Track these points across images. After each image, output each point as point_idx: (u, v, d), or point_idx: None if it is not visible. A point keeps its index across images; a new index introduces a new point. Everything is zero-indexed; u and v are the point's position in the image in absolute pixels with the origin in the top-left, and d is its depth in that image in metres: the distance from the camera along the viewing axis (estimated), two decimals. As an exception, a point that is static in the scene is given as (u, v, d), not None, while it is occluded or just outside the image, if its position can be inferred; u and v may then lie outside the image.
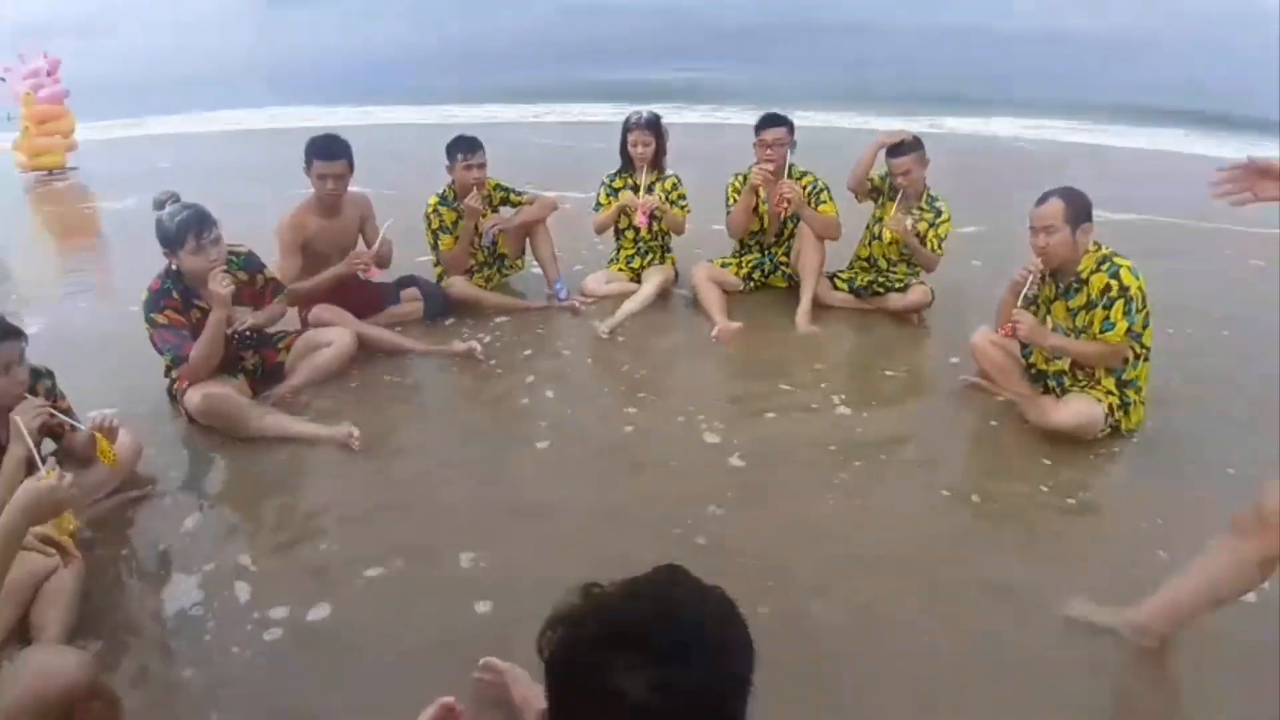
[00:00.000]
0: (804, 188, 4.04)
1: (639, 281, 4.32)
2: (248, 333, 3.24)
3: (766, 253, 4.34)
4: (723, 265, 4.29)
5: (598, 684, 0.84)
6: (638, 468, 2.88)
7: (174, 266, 3.05)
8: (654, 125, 4.18)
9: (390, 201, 4.27)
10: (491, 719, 1.38)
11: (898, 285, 3.97)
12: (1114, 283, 2.80)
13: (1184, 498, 2.61)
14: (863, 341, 3.86)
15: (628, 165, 4.29)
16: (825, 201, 4.03)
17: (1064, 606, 2.12)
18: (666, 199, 4.23)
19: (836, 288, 4.11)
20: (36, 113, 7.99)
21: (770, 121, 3.98)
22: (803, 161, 4.17)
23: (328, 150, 3.65)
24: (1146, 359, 2.92)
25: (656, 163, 4.26)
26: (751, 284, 4.32)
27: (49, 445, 2.58)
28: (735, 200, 4.16)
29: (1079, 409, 2.87)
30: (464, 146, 3.96)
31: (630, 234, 4.34)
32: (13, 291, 4.92)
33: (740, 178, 4.13)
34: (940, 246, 3.84)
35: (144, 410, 3.20)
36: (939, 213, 3.85)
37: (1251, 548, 1.78)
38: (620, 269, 4.44)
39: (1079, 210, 2.83)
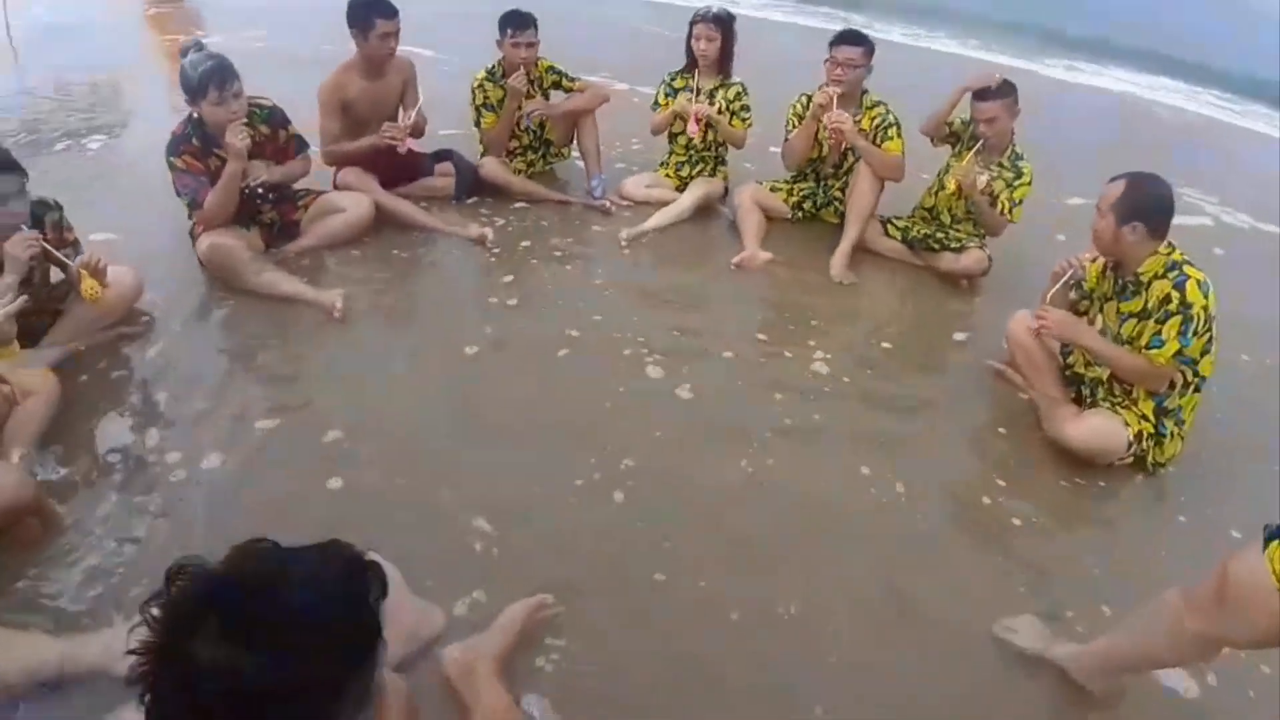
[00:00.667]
0: (871, 119, 3.64)
1: (684, 191, 4.07)
2: (260, 188, 3.23)
3: (822, 183, 3.98)
4: (772, 189, 3.97)
5: (173, 643, 0.83)
6: (558, 390, 2.75)
7: (195, 114, 3.04)
8: (722, 21, 3.80)
9: (442, 69, 4.10)
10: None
11: (954, 245, 3.58)
12: (1176, 295, 2.41)
13: (1189, 551, 2.32)
14: (894, 300, 3.54)
15: (691, 64, 3.94)
16: (892, 138, 3.61)
17: (992, 623, 1.99)
18: (727, 108, 3.90)
19: (888, 234, 3.75)
20: None
21: (845, 39, 3.55)
22: (895, 89, 3.73)
23: (390, 8, 3.50)
24: (1198, 389, 2.54)
25: (722, 65, 3.91)
26: (800, 214, 4.00)
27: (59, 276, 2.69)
28: (795, 125, 3.79)
29: (1097, 428, 2.55)
30: (514, 22, 3.72)
31: (683, 140, 4.04)
32: (113, 110, 5.06)
33: (805, 99, 3.74)
34: (1012, 211, 3.42)
35: (171, 246, 3.28)
36: (1019, 173, 3.40)
37: (1198, 627, 1.54)
38: (668, 175, 4.19)
39: (1136, 206, 2.42)
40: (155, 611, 0.86)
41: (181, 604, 0.86)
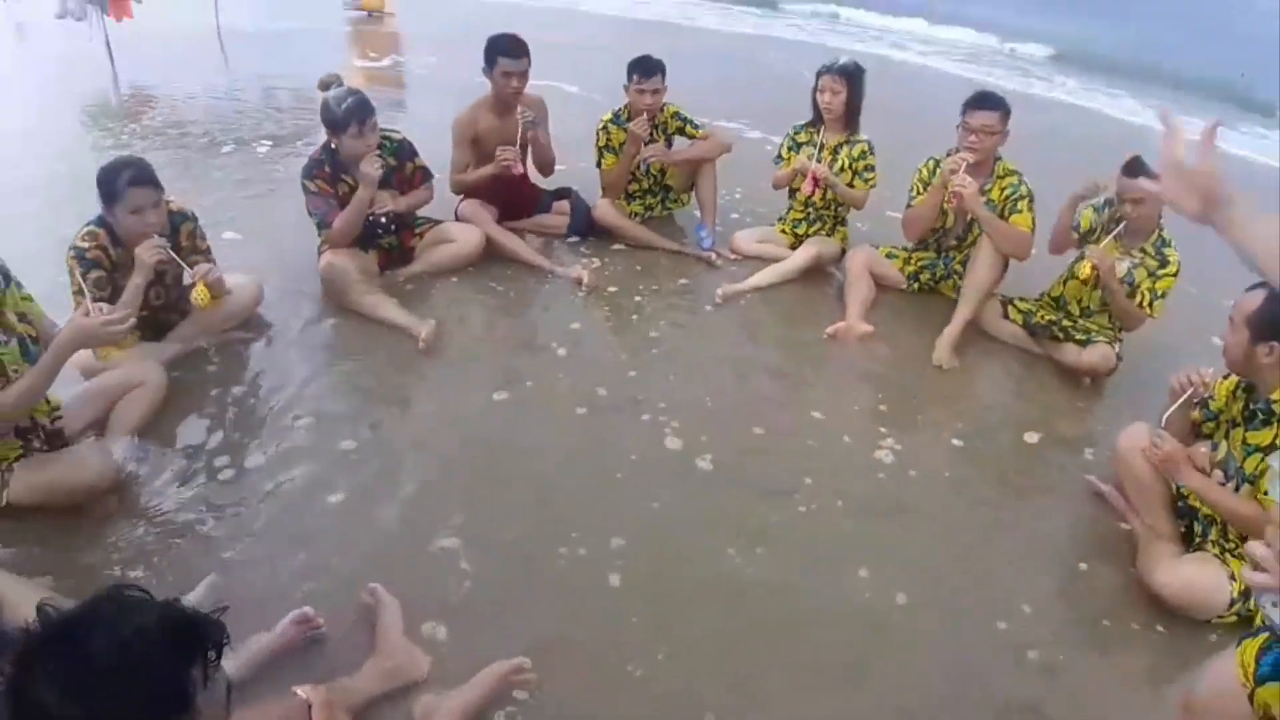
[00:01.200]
0: (1002, 189, 3.33)
1: (797, 250, 3.92)
2: (384, 217, 3.49)
3: (944, 254, 3.69)
4: (888, 255, 3.74)
5: (14, 679, 0.93)
6: (564, 449, 2.67)
7: (332, 144, 3.35)
8: (849, 74, 3.64)
9: (582, 107, 4.22)
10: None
11: (1080, 336, 3.18)
12: (1316, 435, 2.00)
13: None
14: (997, 391, 3.20)
15: (817, 118, 3.81)
16: (1021, 211, 3.28)
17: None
18: (849, 166, 3.73)
19: (1008, 316, 3.40)
20: None
21: (981, 103, 3.28)
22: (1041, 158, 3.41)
23: (515, 48, 3.70)
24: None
25: (848, 121, 3.75)
26: (916, 285, 3.73)
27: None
28: (920, 191, 3.54)
29: (1192, 579, 2.15)
30: (640, 68, 3.78)
31: (801, 196, 3.91)
32: (289, 121, 5.71)
33: (933, 163, 3.50)
34: (1153, 305, 2.99)
35: (299, 258, 3.63)
36: (1164, 262, 2.98)
37: None
38: (783, 230, 4.06)
39: (1276, 323, 2.02)
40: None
41: (26, 643, 0.95)
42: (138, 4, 7.13)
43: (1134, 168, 2.94)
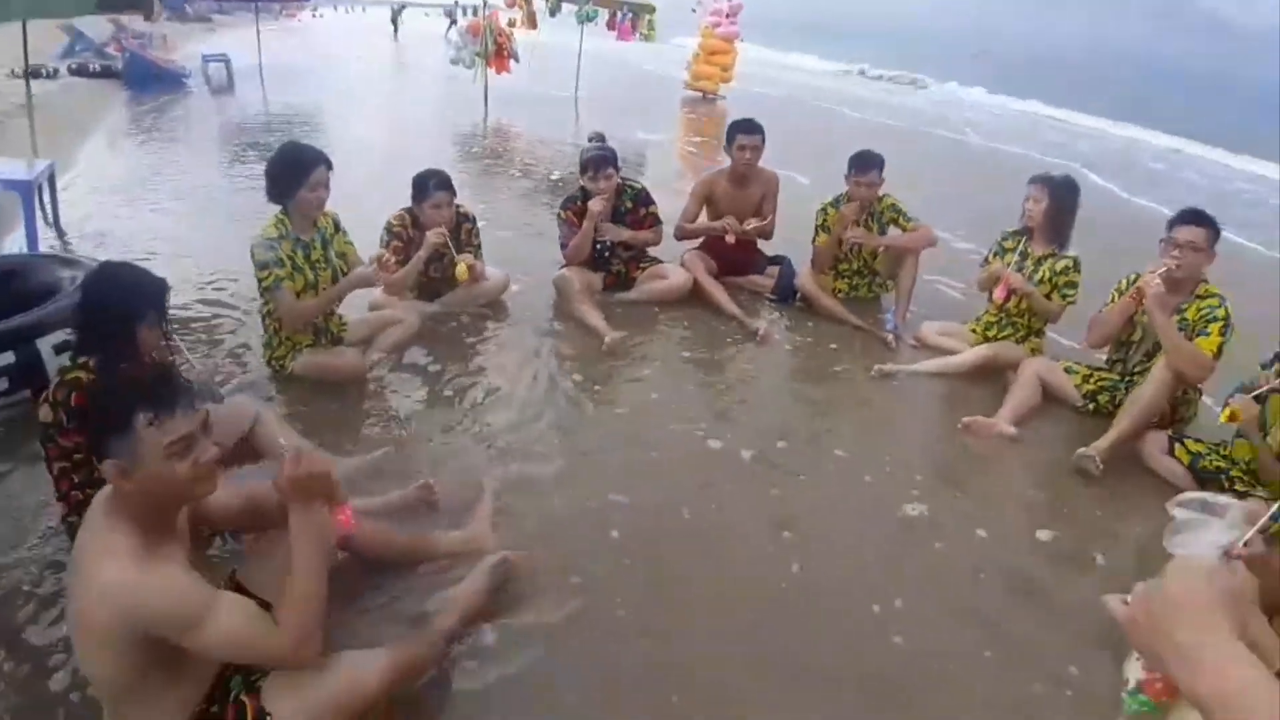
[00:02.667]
0: (1199, 310, 3.16)
1: (979, 349, 3.98)
2: (609, 243, 4.30)
3: (1128, 378, 3.51)
4: (1067, 369, 3.65)
5: None
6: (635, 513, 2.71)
7: (581, 184, 4.25)
8: (1053, 185, 3.70)
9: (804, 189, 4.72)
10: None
11: (1260, 494, 2.87)
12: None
13: None
14: (1122, 524, 2.97)
15: (1025, 227, 3.89)
16: (1210, 334, 3.09)
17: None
18: (1050, 279, 3.74)
19: (1174, 453, 3.16)
20: (709, 45, 10.58)
21: (1187, 218, 3.17)
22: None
23: (750, 127, 4.37)
24: None
25: (1054, 233, 3.77)
26: (1093, 406, 3.58)
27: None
28: (1114, 299, 3.46)
29: None
30: (858, 164, 4.22)
31: (996, 300, 3.97)
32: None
33: (1134, 276, 3.40)
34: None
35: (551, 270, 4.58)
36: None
37: None
38: (973, 329, 4.13)
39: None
40: None
41: None
42: (515, 63, 9.34)
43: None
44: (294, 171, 3.08)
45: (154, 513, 1.53)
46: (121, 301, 2.09)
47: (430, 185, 3.75)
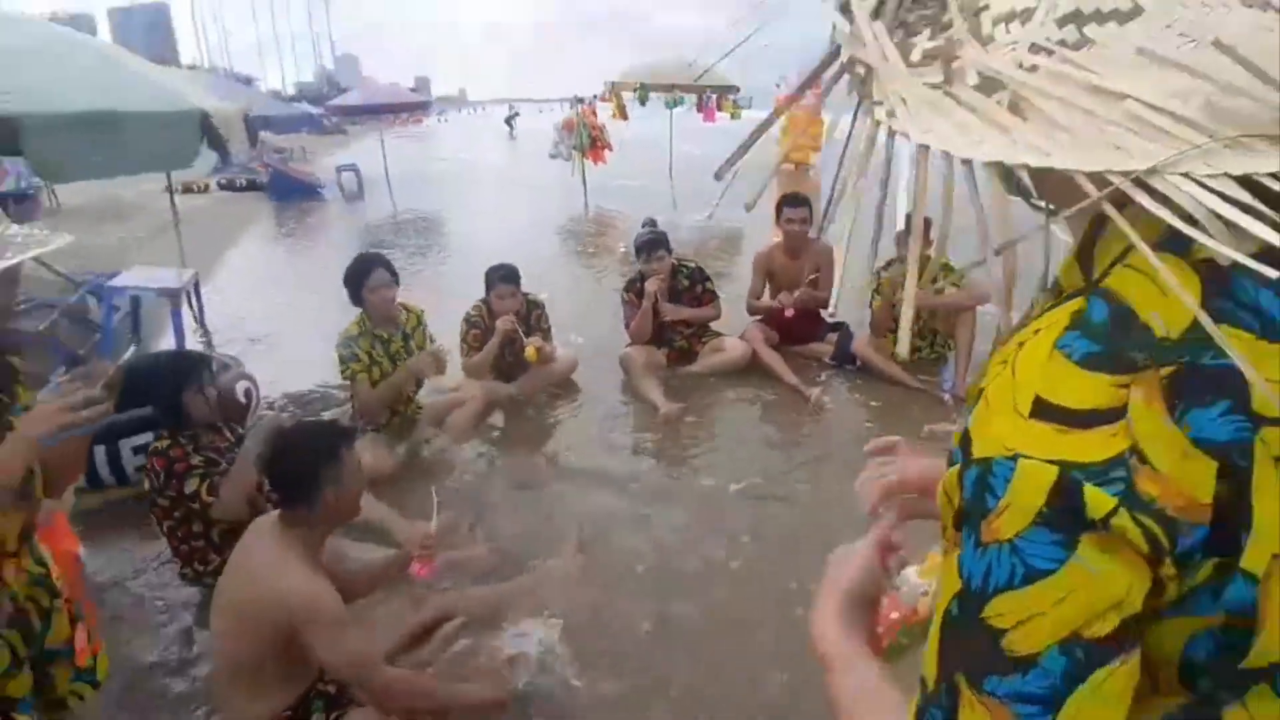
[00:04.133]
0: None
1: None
2: (671, 321, 4.57)
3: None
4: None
5: None
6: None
7: (639, 269, 4.58)
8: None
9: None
10: None
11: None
12: None
13: None
14: None
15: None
16: None
17: None
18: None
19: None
20: (796, 118, 10.85)
21: None
22: None
23: (796, 201, 4.60)
24: None
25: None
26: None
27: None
28: None
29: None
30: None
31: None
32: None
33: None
34: None
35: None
36: None
37: None
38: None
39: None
40: None
41: None
42: (610, 153, 10.02)
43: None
44: (357, 277, 3.58)
45: (320, 537, 1.97)
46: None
47: (495, 279, 4.18)
